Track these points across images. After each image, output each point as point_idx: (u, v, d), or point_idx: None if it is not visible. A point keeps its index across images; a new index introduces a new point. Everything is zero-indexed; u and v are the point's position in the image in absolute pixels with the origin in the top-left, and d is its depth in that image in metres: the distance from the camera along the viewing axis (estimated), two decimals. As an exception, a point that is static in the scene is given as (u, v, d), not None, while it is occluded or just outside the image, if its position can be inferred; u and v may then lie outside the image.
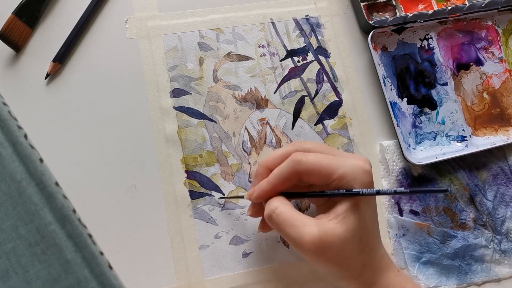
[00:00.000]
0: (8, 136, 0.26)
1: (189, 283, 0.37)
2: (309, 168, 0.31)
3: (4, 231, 0.24)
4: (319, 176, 0.31)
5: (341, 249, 0.30)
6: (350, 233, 0.30)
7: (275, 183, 0.32)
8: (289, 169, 0.32)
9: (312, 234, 0.29)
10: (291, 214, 0.31)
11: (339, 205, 0.31)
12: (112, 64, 0.42)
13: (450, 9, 0.45)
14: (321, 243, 0.29)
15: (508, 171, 0.44)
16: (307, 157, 0.32)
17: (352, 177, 0.31)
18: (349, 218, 0.30)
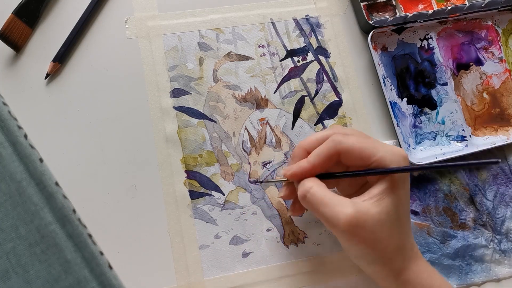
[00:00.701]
0: (8, 136, 0.26)
1: (189, 283, 0.37)
2: (350, 149, 0.32)
3: (4, 231, 0.24)
4: (359, 157, 0.32)
5: (374, 230, 0.30)
6: (384, 215, 0.30)
7: (315, 162, 0.33)
8: (330, 149, 0.32)
9: (347, 212, 0.30)
10: (326, 194, 0.31)
11: (375, 187, 0.31)
12: (112, 64, 0.42)
13: (450, 9, 0.45)
14: (356, 222, 0.30)
15: (508, 171, 0.44)
16: (348, 138, 0.32)
17: (391, 160, 0.31)
18: (384, 199, 0.31)
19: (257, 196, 0.40)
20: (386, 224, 0.30)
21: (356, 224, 0.30)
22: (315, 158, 0.33)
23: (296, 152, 0.35)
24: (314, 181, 0.32)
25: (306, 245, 0.39)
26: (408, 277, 0.32)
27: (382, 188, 0.31)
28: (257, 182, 0.40)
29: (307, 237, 0.40)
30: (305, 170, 0.33)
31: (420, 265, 0.33)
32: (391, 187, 0.31)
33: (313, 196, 0.31)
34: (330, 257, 0.39)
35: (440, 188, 0.42)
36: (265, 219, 0.40)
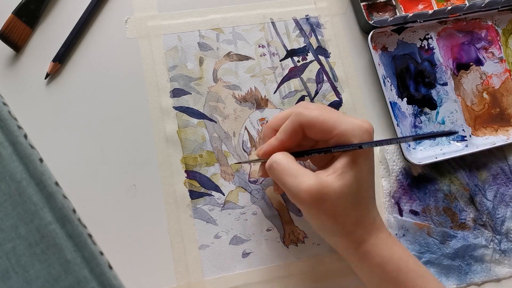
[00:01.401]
0: (8, 136, 0.26)
1: (189, 283, 0.37)
2: (311, 121, 0.32)
3: (4, 231, 0.24)
4: (321, 130, 0.32)
5: (336, 203, 0.31)
6: (346, 188, 0.31)
7: (282, 138, 0.34)
8: (294, 123, 0.33)
9: (310, 184, 0.30)
10: (291, 165, 0.32)
11: (337, 161, 0.32)
12: (112, 64, 0.42)
13: (450, 9, 0.45)
14: (318, 194, 0.30)
15: (508, 171, 0.44)
16: (310, 111, 0.33)
17: (352, 134, 0.32)
18: (346, 173, 0.31)
19: (257, 196, 0.40)
20: (347, 197, 0.31)
21: (317, 197, 0.30)
22: (281, 134, 0.34)
23: (265, 132, 0.36)
24: (281, 153, 0.33)
25: (306, 245, 0.39)
26: (368, 249, 0.32)
27: (344, 162, 0.31)
28: (238, 163, 0.40)
29: (307, 237, 0.40)
30: (274, 147, 0.34)
31: (381, 237, 0.33)
32: (353, 161, 0.31)
33: (278, 165, 0.32)
34: (330, 257, 0.39)
35: (440, 188, 0.42)
36: (265, 219, 0.40)
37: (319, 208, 0.31)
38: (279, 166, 0.32)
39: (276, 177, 0.33)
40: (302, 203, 0.31)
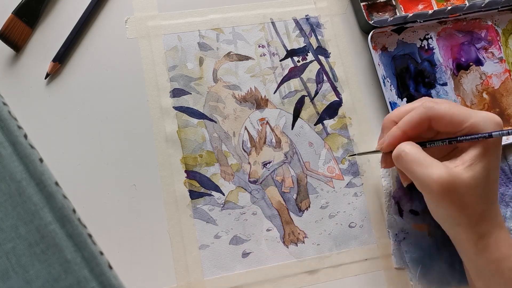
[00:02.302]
0: (8, 136, 0.26)
1: (189, 283, 0.37)
2: (441, 114, 0.33)
3: (4, 231, 0.24)
4: (450, 123, 0.33)
5: (465, 194, 0.31)
6: (474, 181, 0.31)
7: (405, 128, 0.34)
8: (421, 115, 0.33)
9: (441, 174, 0.31)
10: (421, 154, 0.32)
11: (467, 153, 0.32)
12: (112, 64, 0.42)
13: (450, 9, 0.45)
14: (448, 184, 0.31)
15: (508, 171, 0.44)
16: (440, 104, 0.33)
17: (484, 126, 0.32)
18: (476, 165, 0.31)
19: (257, 196, 0.40)
20: (476, 189, 0.31)
21: (448, 187, 0.31)
22: (405, 125, 0.34)
23: (385, 123, 0.36)
24: (409, 143, 0.33)
25: (306, 245, 0.39)
26: (488, 243, 0.32)
27: (475, 153, 0.32)
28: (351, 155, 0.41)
29: (307, 237, 0.40)
30: (397, 137, 0.34)
31: (503, 233, 0.33)
32: (483, 152, 0.32)
33: (407, 155, 0.32)
34: (330, 257, 0.39)
35: None
36: (265, 219, 0.40)
37: (448, 199, 0.31)
38: (408, 156, 0.32)
39: (405, 167, 0.33)
40: (431, 192, 0.32)
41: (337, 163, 0.42)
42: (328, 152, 0.42)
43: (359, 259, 0.40)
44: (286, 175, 0.41)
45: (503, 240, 0.33)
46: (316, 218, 0.40)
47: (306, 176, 0.41)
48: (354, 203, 0.41)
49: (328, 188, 0.41)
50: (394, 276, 0.39)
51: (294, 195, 0.41)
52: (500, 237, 0.33)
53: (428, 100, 0.34)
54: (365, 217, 0.41)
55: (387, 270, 0.40)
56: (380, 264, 0.40)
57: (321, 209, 0.40)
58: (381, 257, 0.40)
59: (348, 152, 0.42)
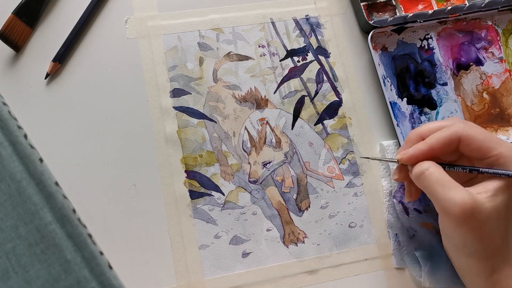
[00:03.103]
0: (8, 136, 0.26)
1: (189, 283, 0.37)
2: (472, 137, 0.32)
3: (4, 231, 0.24)
4: (479, 148, 0.32)
5: (485, 223, 0.30)
6: (496, 212, 0.31)
7: (433, 145, 0.33)
8: (452, 134, 0.32)
9: (464, 199, 0.30)
10: (445, 176, 0.31)
11: (490, 182, 0.31)
12: (112, 64, 0.42)
13: (450, 9, 0.45)
14: (470, 211, 0.30)
15: (508, 171, 0.43)
16: (472, 127, 0.32)
17: (511, 159, 0.31)
18: (499, 196, 0.31)
19: (257, 196, 0.40)
20: (496, 221, 0.31)
21: (470, 213, 0.30)
22: (433, 141, 0.33)
23: (411, 136, 0.35)
24: (432, 163, 0.32)
25: (306, 245, 0.39)
26: (500, 278, 0.32)
27: (498, 185, 0.31)
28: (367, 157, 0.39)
29: (307, 237, 0.40)
30: (422, 153, 0.33)
31: None
32: (507, 186, 0.31)
33: (431, 175, 0.31)
34: (330, 257, 0.39)
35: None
36: (265, 219, 0.40)
37: (468, 225, 0.30)
38: (432, 176, 0.31)
39: (426, 186, 0.32)
40: (452, 216, 0.31)
41: (337, 163, 0.42)
42: (328, 152, 0.42)
43: (359, 259, 0.40)
44: (286, 175, 0.41)
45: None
46: (316, 218, 0.40)
47: (306, 176, 0.41)
48: (354, 203, 0.41)
49: (328, 188, 0.41)
50: (394, 276, 0.39)
51: (294, 195, 0.41)
52: (510, 274, 0.32)
53: (460, 121, 0.34)
54: (365, 217, 0.41)
55: (387, 270, 0.40)
56: (380, 264, 0.40)
57: (321, 209, 0.40)
58: (381, 257, 0.40)
59: (347, 152, 0.42)
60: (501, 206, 0.31)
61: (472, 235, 0.31)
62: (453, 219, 0.31)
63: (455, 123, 0.33)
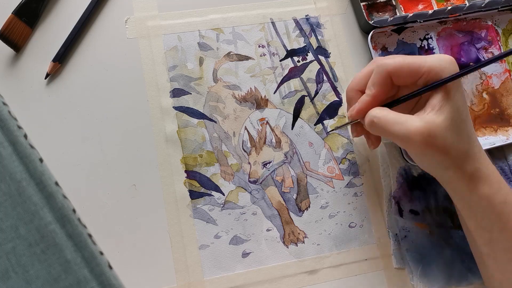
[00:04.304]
0: (8, 136, 0.26)
1: (189, 283, 0.37)
2: (397, 66, 0.33)
3: (4, 231, 0.24)
4: (409, 72, 0.33)
5: (444, 137, 0.32)
6: (448, 121, 0.32)
7: (373, 92, 0.34)
8: (381, 74, 0.34)
9: (417, 125, 0.32)
10: (392, 114, 0.33)
11: (432, 98, 0.33)
12: (112, 64, 0.42)
13: (450, 9, 0.45)
14: (427, 132, 0.31)
15: (508, 171, 0.44)
16: (393, 58, 0.34)
17: (440, 68, 0.33)
18: (444, 107, 0.32)
19: (257, 196, 0.40)
20: (453, 129, 0.32)
21: (428, 134, 0.31)
22: (372, 89, 0.35)
23: (349, 95, 0.37)
24: (378, 108, 0.34)
25: (306, 245, 0.39)
26: (479, 179, 0.33)
27: (439, 97, 0.32)
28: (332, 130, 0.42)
29: (307, 237, 0.40)
30: (368, 103, 0.35)
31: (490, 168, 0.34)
32: (447, 93, 0.32)
33: (380, 119, 0.33)
34: (330, 257, 0.39)
35: (440, 188, 0.42)
36: (265, 219, 0.40)
37: (431, 146, 0.32)
38: (380, 120, 0.33)
39: (381, 130, 0.34)
40: (414, 144, 0.32)
41: (337, 163, 0.42)
42: (328, 152, 0.42)
43: (359, 259, 0.40)
44: (286, 175, 0.41)
45: (492, 174, 0.33)
46: (316, 218, 0.40)
47: (306, 176, 0.41)
48: (354, 203, 0.41)
49: (328, 188, 0.41)
50: (394, 276, 0.39)
51: (294, 195, 0.41)
52: (489, 172, 0.33)
53: (379, 58, 0.35)
54: (365, 217, 0.41)
55: (387, 270, 0.40)
56: (380, 264, 0.40)
57: (321, 209, 0.40)
58: (381, 257, 0.40)
59: (347, 152, 0.42)
60: (452, 113, 0.32)
61: (439, 152, 0.32)
62: (417, 146, 0.32)
63: (377, 62, 0.34)
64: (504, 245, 0.34)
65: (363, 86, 0.36)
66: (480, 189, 0.33)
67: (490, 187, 0.33)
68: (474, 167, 0.33)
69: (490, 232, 0.34)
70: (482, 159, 0.34)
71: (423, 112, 0.33)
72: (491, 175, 0.33)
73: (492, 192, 0.33)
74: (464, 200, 0.35)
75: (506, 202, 0.33)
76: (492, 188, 0.33)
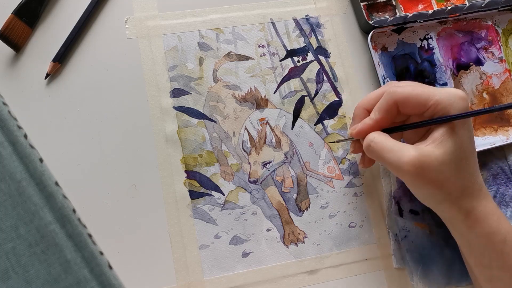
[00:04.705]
0: (8, 136, 0.26)
1: (189, 283, 0.37)
2: (405, 96, 0.33)
3: (4, 231, 0.24)
4: (416, 104, 0.33)
5: (439, 171, 0.31)
6: (447, 156, 0.31)
7: (377, 117, 0.35)
8: (388, 101, 0.34)
9: (411, 155, 0.31)
10: (389, 142, 0.33)
11: (435, 131, 0.33)
12: (112, 64, 0.42)
13: (450, 9, 0.45)
14: (420, 163, 0.31)
15: (508, 171, 0.44)
16: (403, 88, 0.34)
17: (448, 102, 0.32)
18: (446, 141, 0.32)
19: (257, 196, 0.40)
20: (450, 164, 0.32)
21: (420, 166, 0.31)
22: (376, 113, 0.35)
23: (356, 112, 0.37)
24: (377, 132, 0.34)
25: (306, 245, 0.39)
26: (477, 217, 0.33)
27: (443, 131, 0.32)
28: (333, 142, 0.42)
29: (307, 237, 0.40)
30: (369, 126, 0.35)
31: (490, 207, 0.33)
32: (451, 129, 0.32)
33: (376, 144, 0.33)
34: (330, 257, 0.39)
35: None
36: (265, 219, 0.40)
37: (423, 177, 0.32)
38: (377, 145, 0.33)
39: (376, 155, 0.34)
40: (406, 174, 0.32)
41: (337, 163, 0.42)
42: (328, 152, 0.42)
43: (359, 259, 0.40)
44: (286, 175, 0.41)
45: (491, 213, 0.33)
46: (316, 218, 0.40)
47: (306, 176, 0.41)
48: (354, 203, 0.41)
49: (328, 188, 0.41)
50: (394, 276, 0.39)
51: (294, 195, 0.41)
52: (487, 211, 0.33)
53: (392, 84, 0.35)
54: (365, 217, 0.41)
55: (387, 270, 0.40)
56: (380, 264, 0.40)
57: (321, 209, 0.40)
58: (381, 257, 0.40)
59: (347, 152, 0.42)
60: (452, 149, 0.32)
61: (431, 186, 0.32)
62: (408, 176, 0.32)
63: (389, 88, 0.34)
64: (505, 283, 0.33)
65: (371, 107, 0.36)
66: (478, 227, 0.33)
67: (490, 227, 0.32)
68: (471, 205, 0.33)
69: (491, 270, 0.33)
70: (481, 197, 0.33)
71: (423, 143, 0.33)
72: (490, 214, 0.33)
73: (491, 231, 0.32)
74: (463, 237, 0.34)
75: (506, 241, 0.32)
76: (491, 227, 0.32)
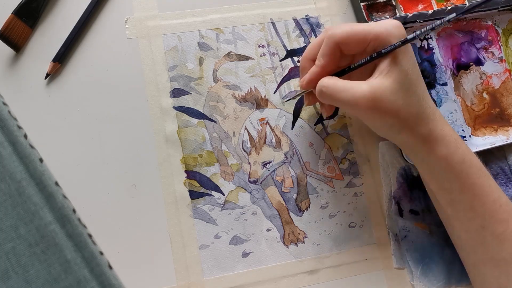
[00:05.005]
0: (8, 136, 0.26)
1: (189, 283, 0.37)
2: (344, 36, 0.34)
3: (4, 231, 0.24)
4: (356, 41, 0.34)
5: (392, 100, 0.32)
6: (397, 84, 0.32)
7: (322, 63, 0.35)
8: (329, 45, 0.34)
9: (363, 90, 0.32)
10: (340, 82, 0.34)
11: (381, 64, 0.33)
12: (112, 64, 0.42)
13: (450, 9, 0.45)
14: (373, 96, 0.32)
15: (508, 171, 0.44)
16: (340, 28, 0.34)
17: (387, 33, 0.33)
18: (392, 71, 0.32)
19: (257, 196, 0.40)
20: (401, 92, 0.32)
21: (373, 98, 0.32)
22: (321, 60, 0.35)
23: (302, 64, 0.38)
24: (325, 78, 0.35)
25: (306, 245, 0.39)
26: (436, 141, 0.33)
27: (387, 61, 0.33)
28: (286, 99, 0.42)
29: (307, 237, 0.40)
30: (317, 74, 0.35)
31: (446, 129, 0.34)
32: (394, 59, 0.33)
33: (328, 88, 0.34)
34: (330, 257, 0.39)
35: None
36: (265, 219, 0.40)
37: (379, 109, 0.32)
38: (329, 88, 0.34)
39: (330, 99, 0.34)
40: (361, 109, 0.32)
41: (337, 163, 0.42)
42: (328, 152, 0.42)
43: (359, 259, 0.40)
44: (286, 175, 0.41)
45: (448, 134, 0.34)
46: (316, 218, 0.40)
47: (306, 176, 0.41)
48: (354, 203, 0.41)
49: (328, 188, 0.41)
50: (394, 276, 0.39)
51: (294, 195, 0.41)
52: (444, 133, 0.34)
53: (330, 28, 0.35)
54: (365, 217, 0.41)
55: (387, 270, 0.40)
56: (380, 264, 0.40)
57: (321, 209, 0.40)
58: (381, 257, 0.40)
59: (347, 152, 0.42)
60: (400, 77, 0.32)
61: (387, 116, 0.33)
62: (365, 111, 0.32)
63: (326, 32, 0.35)
64: (465, 205, 0.34)
65: (315, 56, 0.36)
66: (437, 150, 0.33)
67: (447, 148, 0.33)
68: (427, 128, 0.33)
69: (451, 193, 0.34)
70: (436, 120, 0.34)
71: (372, 77, 0.33)
72: (447, 136, 0.33)
73: (449, 152, 0.33)
74: (424, 162, 0.35)
75: (464, 161, 0.33)
76: (449, 149, 0.33)
